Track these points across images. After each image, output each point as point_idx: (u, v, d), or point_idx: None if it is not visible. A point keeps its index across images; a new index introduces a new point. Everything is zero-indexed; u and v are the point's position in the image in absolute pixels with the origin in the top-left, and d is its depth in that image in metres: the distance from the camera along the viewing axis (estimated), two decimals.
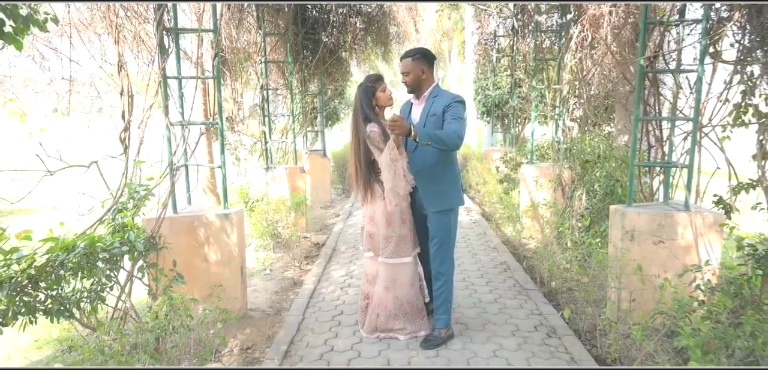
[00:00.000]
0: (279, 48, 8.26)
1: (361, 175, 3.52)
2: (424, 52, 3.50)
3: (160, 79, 3.72)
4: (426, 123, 3.40)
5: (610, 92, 5.96)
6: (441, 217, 3.49)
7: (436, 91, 3.49)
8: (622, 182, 5.13)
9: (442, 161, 3.42)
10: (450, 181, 3.49)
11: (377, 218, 3.54)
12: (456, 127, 3.23)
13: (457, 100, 3.35)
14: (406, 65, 3.47)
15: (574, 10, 6.47)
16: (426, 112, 3.43)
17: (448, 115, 3.31)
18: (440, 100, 3.39)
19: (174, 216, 3.90)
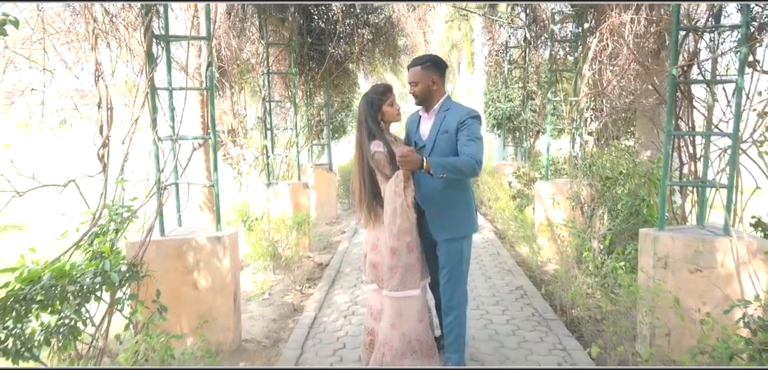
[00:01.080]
0: (283, 59, 7.99)
1: (365, 197, 3.16)
2: (434, 60, 3.15)
3: (147, 89, 3.42)
4: (436, 141, 3.07)
5: (632, 104, 5.59)
6: (452, 245, 3.13)
7: (447, 103, 3.15)
8: (649, 202, 4.75)
9: (454, 184, 3.07)
10: (462, 206, 3.14)
11: (381, 247, 3.16)
12: (473, 150, 2.89)
13: (473, 116, 3.00)
14: (415, 74, 3.12)
15: (591, 19, 6.13)
16: (436, 128, 3.09)
17: (462, 135, 2.96)
18: (453, 115, 3.04)
19: (161, 239, 3.58)
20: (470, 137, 2.93)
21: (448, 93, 3.21)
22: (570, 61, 7.81)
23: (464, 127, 2.97)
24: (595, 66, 5.57)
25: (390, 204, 2.97)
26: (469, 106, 3.16)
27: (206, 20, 3.58)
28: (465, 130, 2.96)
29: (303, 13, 8.57)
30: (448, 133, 3.02)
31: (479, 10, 9.68)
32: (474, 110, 3.06)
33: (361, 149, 3.14)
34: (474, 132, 2.95)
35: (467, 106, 3.17)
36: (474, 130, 2.96)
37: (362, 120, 3.09)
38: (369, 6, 9.45)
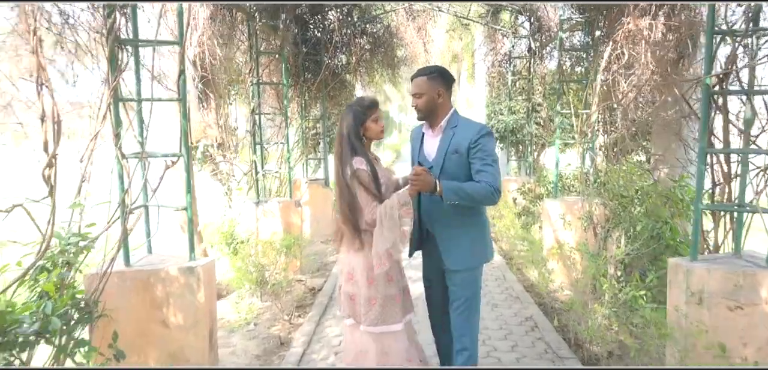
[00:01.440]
0: (277, 69, 7.60)
1: (350, 219, 2.78)
2: (441, 71, 2.79)
3: (109, 100, 3.01)
4: (445, 162, 2.69)
5: (650, 117, 5.18)
6: (465, 276, 2.75)
7: (455, 119, 2.77)
8: (672, 225, 4.33)
9: (467, 207, 2.67)
10: (476, 231, 2.77)
11: (357, 276, 2.77)
12: (490, 177, 2.53)
13: (485, 133, 2.62)
14: (419, 85, 2.75)
15: (603, 26, 5.75)
16: (445, 147, 2.71)
17: (476, 157, 2.59)
18: (463, 133, 2.66)
19: (125, 270, 3.15)
20: (486, 160, 2.56)
21: (455, 108, 2.82)
22: (578, 72, 7.43)
23: (477, 147, 2.59)
24: (608, 76, 5.17)
25: (384, 227, 2.59)
26: (479, 122, 2.78)
27: (179, 23, 3.17)
28: (479, 152, 2.59)
29: (298, 22, 8.21)
30: (459, 153, 2.64)
31: (481, 20, 9.31)
32: (486, 126, 2.68)
33: (340, 165, 2.76)
34: (489, 153, 2.59)
35: (476, 121, 2.79)
36: (489, 150, 2.59)
37: (344, 134, 2.73)
38: (367, 15, 9.10)
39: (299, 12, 8.20)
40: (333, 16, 8.65)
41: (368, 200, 2.65)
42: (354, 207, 2.73)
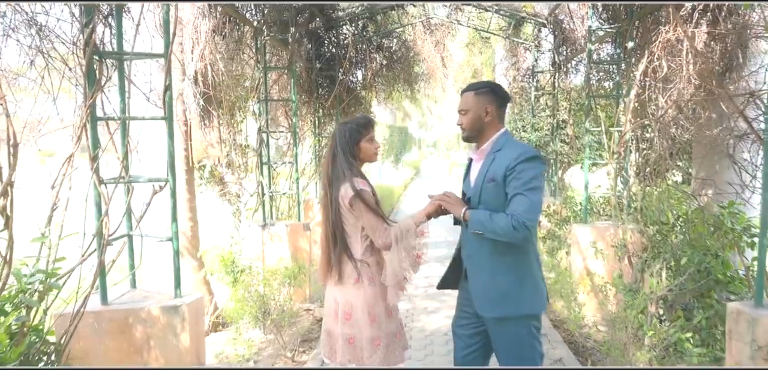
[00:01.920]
0: (289, 85, 7.31)
1: (332, 247, 2.50)
2: (492, 87, 2.42)
3: (85, 120, 2.69)
4: (481, 192, 2.31)
5: (692, 135, 4.69)
6: (504, 328, 2.31)
7: (501, 141, 2.37)
8: (724, 258, 3.83)
9: (504, 242, 2.27)
10: (520, 272, 2.30)
11: (357, 314, 2.45)
12: (521, 207, 2.12)
13: (526, 158, 2.19)
14: (466, 101, 2.42)
15: (636, 37, 5.30)
16: (483, 174, 2.33)
17: (512, 187, 2.19)
18: (503, 158, 2.27)
19: (102, 310, 2.80)
20: (519, 189, 2.16)
21: (506, 128, 2.43)
22: (605, 87, 6.96)
23: (513, 173, 2.18)
24: (644, 91, 4.71)
25: (405, 252, 2.40)
26: (525, 145, 2.38)
27: (164, 33, 2.84)
28: (514, 179, 2.18)
29: (311, 37, 7.95)
30: (495, 182, 2.25)
31: (502, 33, 8.91)
32: (530, 150, 2.26)
33: (331, 186, 2.44)
34: (526, 181, 2.16)
35: (523, 144, 2.39)
36: (526, 177, 2.16)
37: (338, 152, 2.42)
38: (383, 29, 8.80)
39: (312, 27, 7.95)
40: (348, 31, 8.38)
41: (377, 223, 2.39)
42: (353, 233, 2.45)
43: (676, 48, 4.49)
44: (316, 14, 7.61)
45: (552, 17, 8.00)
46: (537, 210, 2.15)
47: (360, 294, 2.43)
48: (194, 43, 4.57)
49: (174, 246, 2.97)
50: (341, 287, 2.47)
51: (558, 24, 8.08)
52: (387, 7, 8.24)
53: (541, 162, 2.24)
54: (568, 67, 8.42)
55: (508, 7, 8.41)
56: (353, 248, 2.47)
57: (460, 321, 2.55)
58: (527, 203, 2.11)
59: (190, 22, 4.56)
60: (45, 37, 2.70)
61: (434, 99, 26.13)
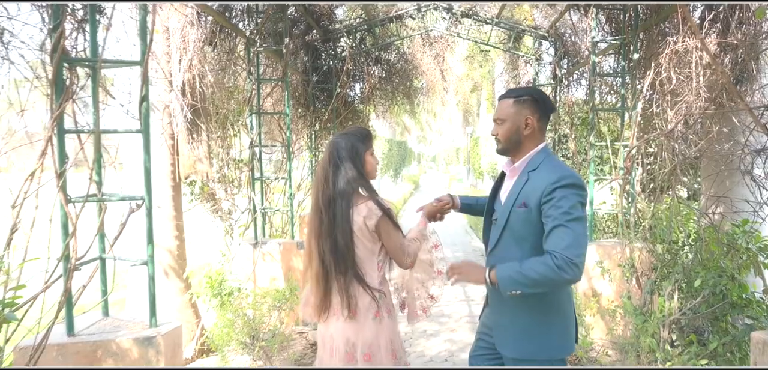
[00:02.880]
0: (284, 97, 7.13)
1: (346, 277, 2.21)
2: (536, 95, 2.15)
3: (51, 132, 2.48)
4: (510, 217, 2.08)
5: (700, 150, 4.48)
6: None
7: (538, 158, 2.12)
8: (741, 281, 3.60)
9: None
10: (549, 310, 2.06)
11: (380, 354, 2.20)
12: (564, 241, 1.84)
13: (566, 183, 1.94)
14: (503, 109, 2.15)
15: (640, 49, 5.11)
16: (513, 196, 2.08)
17: (550, 217, 1.92)
18: (538, 180, 2.02)
19: (67, 342, 2.57)
20: (559, 220, 1.87)
21: (546, 144, 2.18)
22: (608, 101, 6.77)
23: (550, 201, 1.92)
24: (651, 104, 4.52)
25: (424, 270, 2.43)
26: (565, 166, 2.11)
27: (141, 38, 2.64)
28: (551, 208, 1.91)
29: (308, 49, 7.79)
30: (527, 208, 2.01)
31: (503, 46, 8.74)
32: (570, 173, 2.00)
33: (329, 207, 2.19)
34: (566, 209, 1.89)
35: (564, 165, 2.13)
36: (566, 205, 1.89)
37: (343, 166, 2.23)
38: (381, 42, 8.64)
39: (309, 39, 7.79)
40: (345, 43, 8.23)
41: (403, 242, 2.26)
42: (368, 258, 2.26)
43: (684, 59, 4.30)
44: (312, 26, 7.46)
45: (553, 30, 7.83)
46: (583, 244, 1.87)
47: (383, 330, 2.20)
48: (182, 53, 4.38)
49: (149, 271, 2.74)
50: (355, 324, 2.20)
51: (559, 37, 7.91)
52: (385, 19, 8.09)
53: (584, 188, 1.98)
54: (569, 81, 8.24)
55: (508, 20, 8.26)
56: (369, 277, 2.22)
57: (477, 351, 2.34)
58: (570, 235, 1.83)
59: (177, 31, 4.37)
60: (6, 43, 2.50)
61: (433, 113, 25.99)
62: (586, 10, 6.17)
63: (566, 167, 2.11)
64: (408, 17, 8.29)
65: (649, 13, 5.00)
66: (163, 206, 4.69)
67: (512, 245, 2.07)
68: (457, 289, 6.84)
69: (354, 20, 8.31)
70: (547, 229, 1.92)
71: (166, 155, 4.64)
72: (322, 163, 2.27)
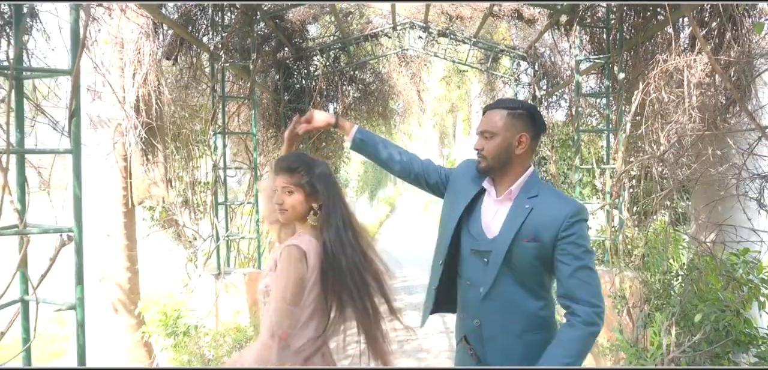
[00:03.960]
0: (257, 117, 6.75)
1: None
2: (531, 110, 1.87)
3: None
4: (512, 248, 1.76)
5: (692, 172, 4.27)
6: None
7: (534, 184, 1.85)
8: (747, 317, 3.34)
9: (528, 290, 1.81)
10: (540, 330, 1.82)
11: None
12: (590, 288, 1.65)
13: (583, 218, 1.74)
14: (492, 120, 1.85)
15: (626, 69, 4.92)
16: (515, 226, 1.77)
17: (567, 255, 1.69)
18: (548, 210, 1.75)
19: None
20: (583, 262, 1.68)
21: (533, 169, 1.90)
22: (588, 123, 6.60)
23: (570, 238, 1.69)
24: (641, 124, 4.29)
25: None
26: (568, 196, 1.96)
27: (71, 44, 2.25)
28: (572, 244, 1.69)
29: (280, 67, 7.46)
30: (539, 242, 1.73)
31: (481, 66, 8.56)
32: (581, 205, 1.79)
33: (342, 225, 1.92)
34: (586, 247, 1.70)
35: (564, 194, 1.92)
36: (585, 243, 1.71)
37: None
38: (356, 60, 8.36)
39: (281, 56, 7.46)
40: (319, 62, 7.93)
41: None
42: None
43: (674, 79, 4.11)
44: (284, 43, 7.13)
45: (532, 50, 7.68)
46: (600, 284, 1.72)
47: None
48: (136, 67, 3.98)
49: (78, 317, 2.31)
50: None
51: (538, 57, 7.76)
52: (360, 38, 7.82)
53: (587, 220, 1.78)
54: (549, 102, 8.08)
55: (486, 40, 8.08)
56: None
57: None
58: (595, 279, 1.66)
59: (132, 42, 3.98)
60: None
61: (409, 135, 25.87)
62: (567, 30, 6.01)
63: (571, 198, 1.85)
64: (383, 35, 8.06)
65: (635, 32, 4.82)
66: (113, 234, 4.23)
67: (514, 286, 1.76)
68: (435, 321, 6.48)
69: (328, 38, 8.03)
70: (566, 270, 1.69)
71: (118, 178, 4.20)
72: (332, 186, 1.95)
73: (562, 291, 1.69)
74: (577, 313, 1.64)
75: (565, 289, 1.68)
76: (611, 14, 4.93)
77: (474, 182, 1.94)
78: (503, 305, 1.77)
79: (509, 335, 1.76)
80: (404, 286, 8.22)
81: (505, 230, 1.78)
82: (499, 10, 6.65)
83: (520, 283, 1.77)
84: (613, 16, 4.93)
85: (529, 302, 1.76)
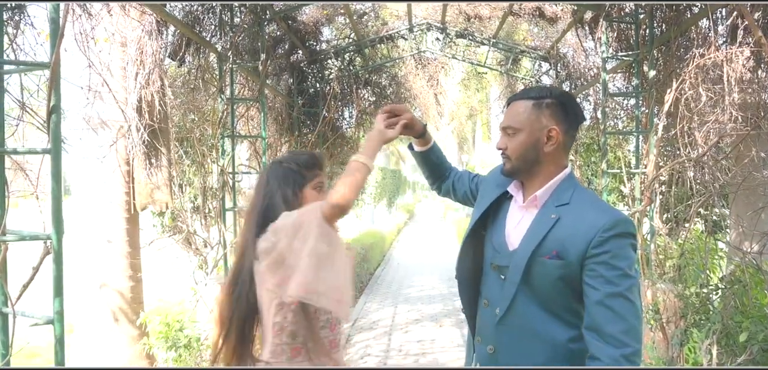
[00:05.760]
0: (268, 120, 6.58)
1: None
2: (563, 99, 1.57)
3: None
4: (531, 265, 1.47)
5: (732, 177, 3.93)
6: None
7: (566, 189, 1.53)
8: None
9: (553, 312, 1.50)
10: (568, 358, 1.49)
11: None
12: (624, 322, 1.32)
13: (622, 232, 1.39)
14: (516, 114, 1.57)
15: (659, 66, 4.60)
16: (537, 237, 1.49)
17: (597, 277, 1.37)
18: (579, 221, 1.45)
19: None
20: (616, 288, 1.34)
21: (571, 170, 1.61)
22: (612, 125, 6.26)
23: (603, 255, 1.37)
24: (675, 125, 3.97)
25: None
26: (608, 205, 1.59)
27: (51, 35, 2.07)
28: (604, 264, 1.37)
29: (293, 71, 7.30)
30: (564, 260, 1.42)
31: (500, 67, 8.28)
32: (622, 217, 1.45)
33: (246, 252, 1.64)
34: (625, 269, 1.36)
35: (604, 202, 1.61)
36: (624, 263, 1.37)
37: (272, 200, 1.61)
38: (371, 63, 8.16)
39: (294, 60, 7.30)
40: (333, 65, 7.75)
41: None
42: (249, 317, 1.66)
43: (710, 75, 3.79)
44: (297, 46, 6.96)
45: (554, 51, 7.37)
46: (642, 322, 1.37)
47: None
48: (138, 67, 3.82)
49: (56, 332, 2.11)
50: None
51: (560, 58, 7.45)
52: (375, 40, 7.62)
53: (636, 236, 1.44)
54: None
55: (506, 41, 7.80)
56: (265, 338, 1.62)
57: None
58: (631, 312, 1.32)
59: (134, 42, 3.82)
60: None
61: None
62: (592, 27, 5.71)
63: (610, 205, 1.55)
64: (400, 37, 7.84)
65: (666, 27, 4.50)
66: (115, 240, 4.07)
67: (536, 310, 1.47)
68: (453, 332, 6.19)
69: (342, 40, 7.84)
70: (594, 295, 1.36)
71: (120, 182, 4.04)
72: (257, 188, 1.69)
73: (588, 322, 1.38)
74: (598, 355, 1.33)
75: (590, 319, 1.37)
76: (640, 9, 4.63)
77: (499, 187, 1.68)
78: (522, 332, 1.49)
79: (529, 367, 1.49)
80: (420, 296, 7.96)
81: (525, 242, 1.51)
82: (520, 9, 6.38)
83: (544, 307, 1.48)
84: (642, 10, 4.62)
85: (555, 330, 1.46)
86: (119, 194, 4.03)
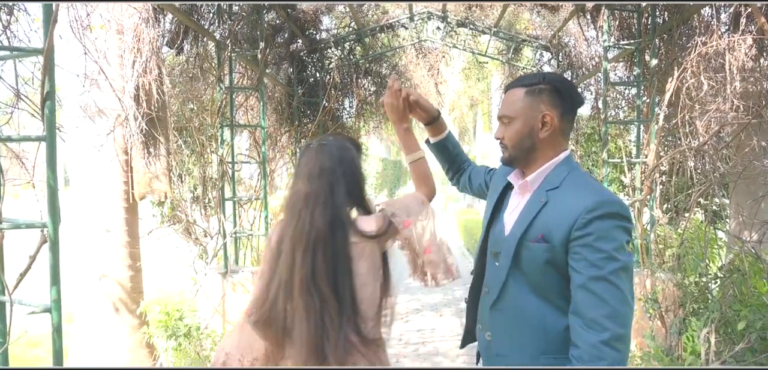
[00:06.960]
0: (268, 110, 6.57)
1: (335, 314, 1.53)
2: (556, 84, 1.56)
3: None
4: (518, 250, 1.47)
5: (732, 166, 3.91)
6: None
7: (559, 173, 1.52)
8: None
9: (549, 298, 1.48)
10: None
11: None
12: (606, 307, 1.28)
13: (608, 212, 1.36)
14: (512, 103, 1.56)
15: (659, 53, 4.57)
16: (524, 223, 1.48)
17: (583, 262, 1.34)
18: (565, 203, 1.43)
19: None
20: (599, 270, 1.31)
21: (569, 152, 1.59)
22: (613, 115, 6.23)
23: (586, 237, 1.34)
24: (677, 114, 3.95)
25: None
26: (600, 186, 1.55)
27: (44, 20, 2.05)
28: (587, 246, 1.34)
29: (292, 60, 7.27)
30: (548, 243, 1.42)
31: (501, 57, 8.23)
32: (610, 198, 1.43)
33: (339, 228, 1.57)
34: (610, 252, 1.32)
35: (597, 183, 1.56)
36: (609, 245, 1.32)
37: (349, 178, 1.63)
38: (371, 52, 8.12)
39: (294, 49, 7.27)
40: (333, 54, 7.71)
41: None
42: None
43: (712, 64, 3.76)
44: (297, 34, 6.93)
45: (556, 40, 7.32)
46: (631, 304, 1.32)
47: None
48: (136, 55, 3.80)
49: (53, 320, 2.11)
50: None
51: (562, 47, 7.41)
52: (375, 28, 7.57)
53: (630, 220, 1.41)
54: None
55: (507, 30, 7.75)
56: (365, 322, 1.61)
57: None
58: (615, 296, 1.28)
59: (130, 30, 3.80)
60: None
61: None
62: (594, 16, 5.66)
63: (602, 187, 1.53)
64: (400, 27, 7.79)
65: (669, 15, 4.47)
66: (113, 229, 4.06)
67: (528, 295, 1.47)
68: (453, 322, 6.20)
69: (342, 29, 7.80)
70: (576, 279, 1.35)
71: (119, 172, 4.03)
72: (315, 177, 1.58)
73: (572, 307, 1.36)
74: (577, 342, 1.31)
75: (574, 304, 1.36)
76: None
77: (506, 177, 1.69)
78: (514, 318, 1.49)
79: (523, 355, 1.47)
80: (420, 285, 7.90)
81: (515, 227, 1.51)
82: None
83: (537, 293, 1.47)
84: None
85: (550, 317, 1.45)
86: (117, 183, 4.02)
